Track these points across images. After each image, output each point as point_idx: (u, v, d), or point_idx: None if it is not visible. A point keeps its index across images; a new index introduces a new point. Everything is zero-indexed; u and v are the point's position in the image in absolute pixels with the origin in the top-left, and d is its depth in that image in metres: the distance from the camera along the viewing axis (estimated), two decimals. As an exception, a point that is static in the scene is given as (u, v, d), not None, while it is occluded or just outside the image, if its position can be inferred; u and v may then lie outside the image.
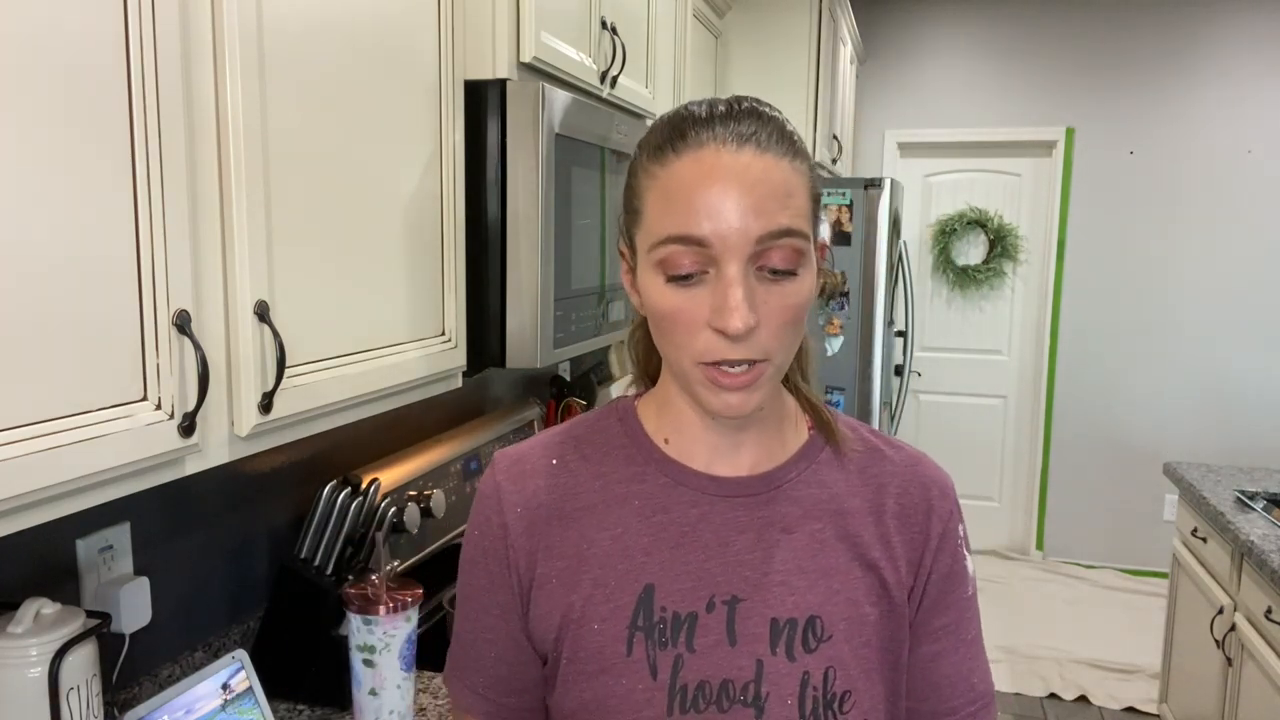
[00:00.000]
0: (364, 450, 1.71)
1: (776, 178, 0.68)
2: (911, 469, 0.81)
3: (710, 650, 0.74)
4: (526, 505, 0.80)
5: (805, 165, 0.71)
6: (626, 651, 0.75)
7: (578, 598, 0.77)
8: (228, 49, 0.90)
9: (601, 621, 0.76)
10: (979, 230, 4.91)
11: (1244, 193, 4.55)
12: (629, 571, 0.76)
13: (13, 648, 0.92)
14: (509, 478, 0.81)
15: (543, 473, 0.81)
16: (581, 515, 0.79)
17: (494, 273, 1.42)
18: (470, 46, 1.40)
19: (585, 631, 0.76)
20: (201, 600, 1.38)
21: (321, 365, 1.08)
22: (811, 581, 0.75)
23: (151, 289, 0.82)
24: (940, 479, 0.82)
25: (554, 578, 0.78)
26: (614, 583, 0.76)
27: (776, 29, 3.30)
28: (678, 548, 0.76)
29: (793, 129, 0.72)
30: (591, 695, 0.75)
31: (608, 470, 0.80)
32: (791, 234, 0.68)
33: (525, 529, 0.79)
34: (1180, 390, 4.71)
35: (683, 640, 0.74)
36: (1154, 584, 4.55)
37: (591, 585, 0.77)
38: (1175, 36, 4.54)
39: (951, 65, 4.83)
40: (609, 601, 0.76)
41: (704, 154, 0.68)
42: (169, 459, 0.86)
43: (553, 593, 0.78)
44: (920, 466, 0.82)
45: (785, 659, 0.74)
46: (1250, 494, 2.69)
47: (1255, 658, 2.32)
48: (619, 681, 0.74)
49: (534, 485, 0.81)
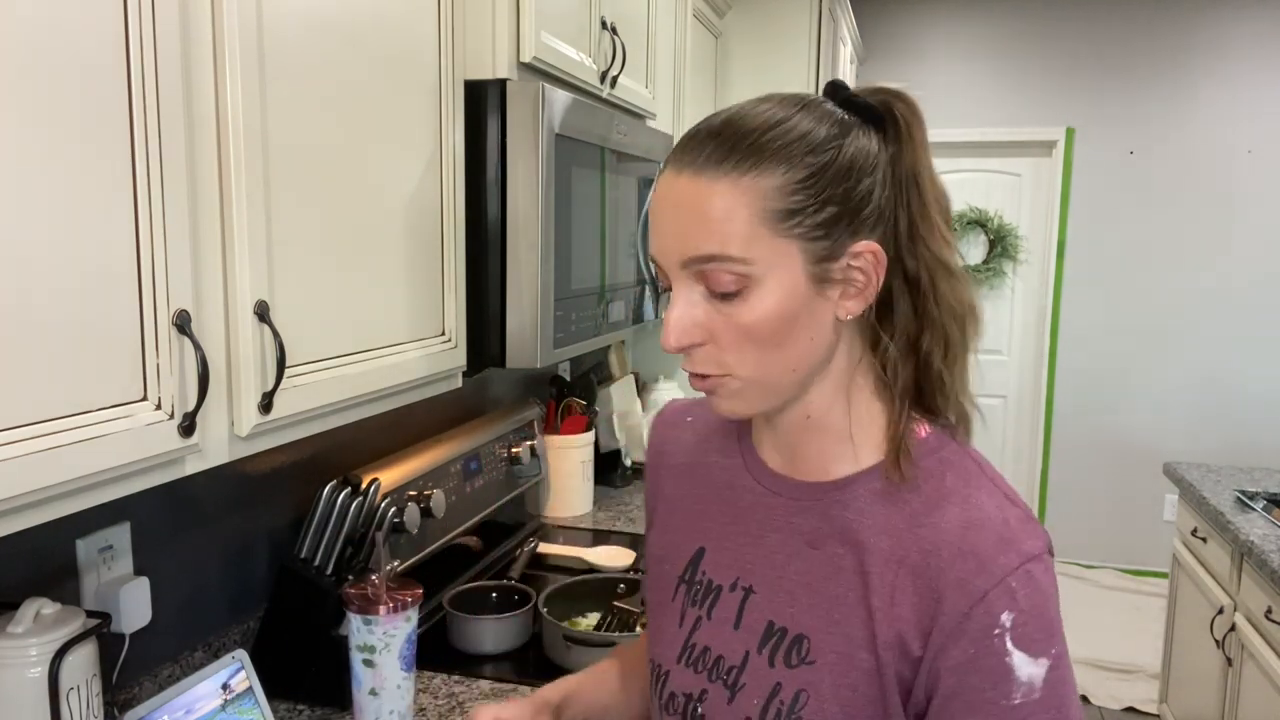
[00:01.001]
0: (364, 450, 1.71)
1: (701, 204, 0.67)
2: (961, 531, 0.69)
3: (720, 625, 0.80)
4: (655, 449, 0.95)
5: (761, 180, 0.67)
6: (672, 596, 0.85)
7: (662, 537, 0.90)
8: (228, 49, 0.90)
9: (669, 564, 0.87)
10: (979, 230, 4.91)
11: (1244, 193, 4.55)
12: (693, 531, 0.86)
13: (13, 648, 0.92)
14: (660, 422, 0.97)
15: (677, 425, 0.94)
16: (681, 469, 0.90)
17: (494, 273, 1.42)
18: (470, 46, 1.40)
19: (659, 568, 0.89)
20: (201, 600, 1.38)
21: (321, 365, 1.08)
22: (814, 602, 0.74)
23: (151, 289, 0.82)
24: (985, 553, 0.67)
25: (657, 515, 0.92)
26: (682, 535, 0.87)
27: (776, 29, 3.30)
28: (730, 524, 0.82)
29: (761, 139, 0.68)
30: (652, 622, 0.88)
31: (710, 437, 0.89)
32: (715, 259, 0.67)
33: (653, 469, 0.95)
34: (1180, 390, 4.71)
35: (706, 606, 0.82)
36: (1154, 584, 4.55)
37: (670, 531, 0.89)
38: (1175, 36, 4.54)
39: (951, 65, 4.83)
40: (676, 549, 0.87)
41: (663, 178, 0.71)
42: (169, 459, 0.86)
43: (657, 527, 0.92)
44: (973, 532, 0.69)
45: (766, 663, 0.75)
46: (1250, 494, 2.69)
47: (1255, 658, 2.32)
48: (665, 617, 0.86)
49: (667, 434, 0.95)
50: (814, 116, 0.70)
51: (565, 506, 2.39)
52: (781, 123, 0.69)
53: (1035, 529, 0.70)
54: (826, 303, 0.70)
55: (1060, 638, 0.68)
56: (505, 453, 2.06)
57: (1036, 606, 0.66)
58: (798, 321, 0.69)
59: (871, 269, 0.70)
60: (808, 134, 0.69)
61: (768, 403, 0.74)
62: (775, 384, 0.72)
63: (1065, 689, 0.66)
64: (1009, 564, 0.67)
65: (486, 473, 1.95)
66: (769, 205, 0.67)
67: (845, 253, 0.69)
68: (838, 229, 0.68)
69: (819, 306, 0.70)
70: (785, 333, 0.69)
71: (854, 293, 0.70)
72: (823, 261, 0.68)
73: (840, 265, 0.69)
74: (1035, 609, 0.66)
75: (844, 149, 0.69)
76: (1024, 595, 0.66)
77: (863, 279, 0.70)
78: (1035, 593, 0.67)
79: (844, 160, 0.68)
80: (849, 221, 0.69)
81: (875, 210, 0.69)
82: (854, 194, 0.68)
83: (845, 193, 0.68)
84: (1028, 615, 0.66)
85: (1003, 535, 0.69)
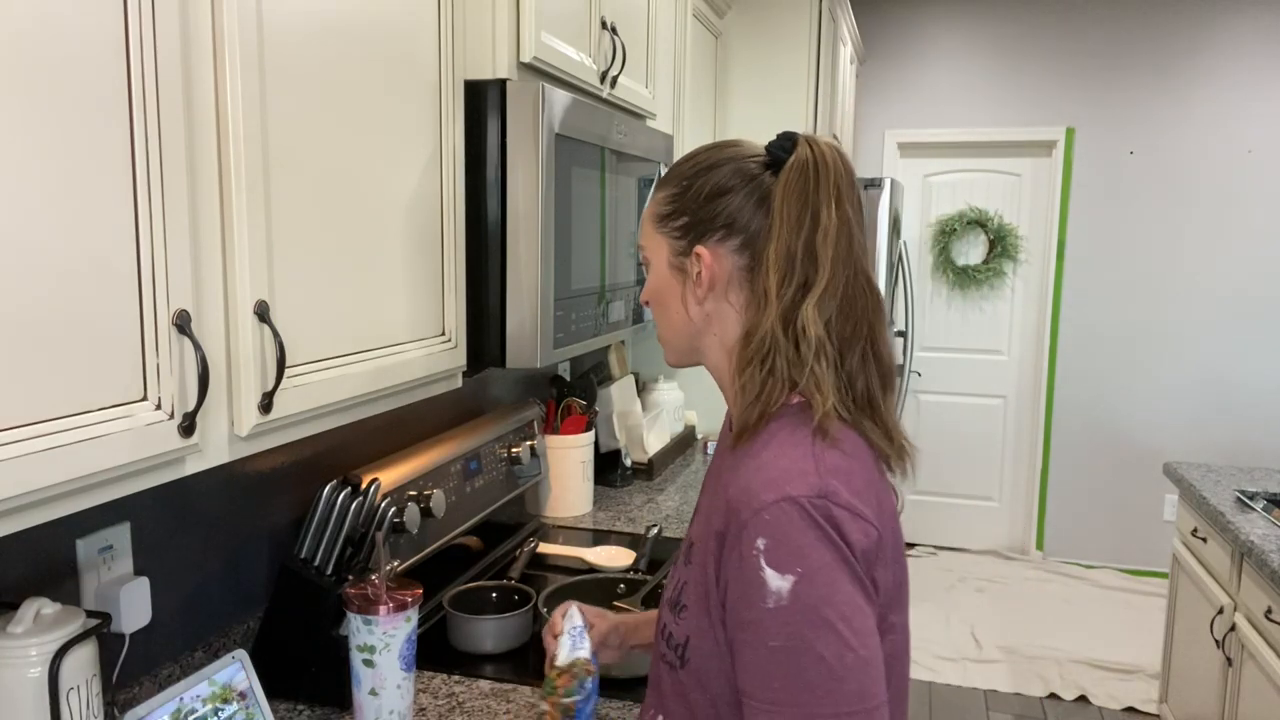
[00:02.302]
0: (364, 450, 1.71)
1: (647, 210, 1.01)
2: (752, 474, 0.86)
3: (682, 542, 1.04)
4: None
5: (659, 194, 0.98)
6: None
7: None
8: (228, 49, 0.90)
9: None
10: (979, 230, 4.91)
11: (1244, 193, 4.55)
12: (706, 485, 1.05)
13: (13, 648, 0.92)
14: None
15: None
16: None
17: (494, 273, 1.42)
18: (470, 46, 1.40)
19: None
20: (201, 600, 1.38)
21: (322, 365, 1.08)
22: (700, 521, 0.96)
23: (151, 289, 0.82)
24: (751, 490, 0.84)
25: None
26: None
27: (776, 29, 3.30)
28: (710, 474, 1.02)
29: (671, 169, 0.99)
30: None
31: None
32: (640, 248, 1.02)
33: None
34: (1180, 390, 4.71)
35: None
36: (1154, 584, 4.55)
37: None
38: (1175, 36, 4.54)
39: (951, 65, 4.83)
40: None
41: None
42: (169, 459, 0.86)
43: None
44: (758, 475, 0.85)
45: (683, 563, 0.97)
46: (1250, 494, 2.69)
47: (1255, 658, 2.32)
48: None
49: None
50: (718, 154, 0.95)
51: (565, 506, 2.39)
52: (689, 158, 0.97)
53: (810, 481, 0.83)
54: (681, 287, 0.96)
55: (810, 561, 0.81)
56: (505, 453, 2.06)
57: (785, 534, 0.82)
58: (666, 295, 0.98)
59: (705, 268, 0.93)
60: (692, 164, 0.95)
61: (673, 352, 1.02)
62: (667, 338, 1.01)
63: (811, 600, 0.80)
64: (768, 500, 0.83)
65: (486, 473, 1.95)
66: (656, 210, 0.98)
67: (691, 253, 0.94)
68: (690, 234, 0.94)
69: (677, 288, 0.97)
70: (661, 303, 0.99)
71: (696, 283, 0.95)
72: (678, 255, 0.96)
73: (689, 260, 0.95)
74: (783, 536, 0.82)
75: (710, 178, 0.93)
76: (775, 525, 0.82)
77: (699, 274, 0.94)
78: (786, 524, 0.82)
79: (704, 185, 0.93)
80: (698, 230, 0.94)
81: (726, 225, 0.92)
82: (705, 210, 0.93)
83: (698, 208, 0.93)
84: (777, 541, 0.82)
85: (775, 480, 0.84)
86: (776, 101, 3.32)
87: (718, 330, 0.95)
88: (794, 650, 0.80)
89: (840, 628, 0.80)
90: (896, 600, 0.90)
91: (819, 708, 0.79)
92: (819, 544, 0.81)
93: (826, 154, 0.89)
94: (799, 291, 0.88)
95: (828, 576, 0.81)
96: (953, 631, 4.06)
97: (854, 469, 0.87)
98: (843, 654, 0.80)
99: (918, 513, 5.14)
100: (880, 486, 0.90)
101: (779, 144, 0.91)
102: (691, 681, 0.91)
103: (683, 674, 0.92)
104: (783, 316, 0.88)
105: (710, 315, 0.95)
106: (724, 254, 0.92)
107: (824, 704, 0.79)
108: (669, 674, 0.95)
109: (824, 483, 0.83)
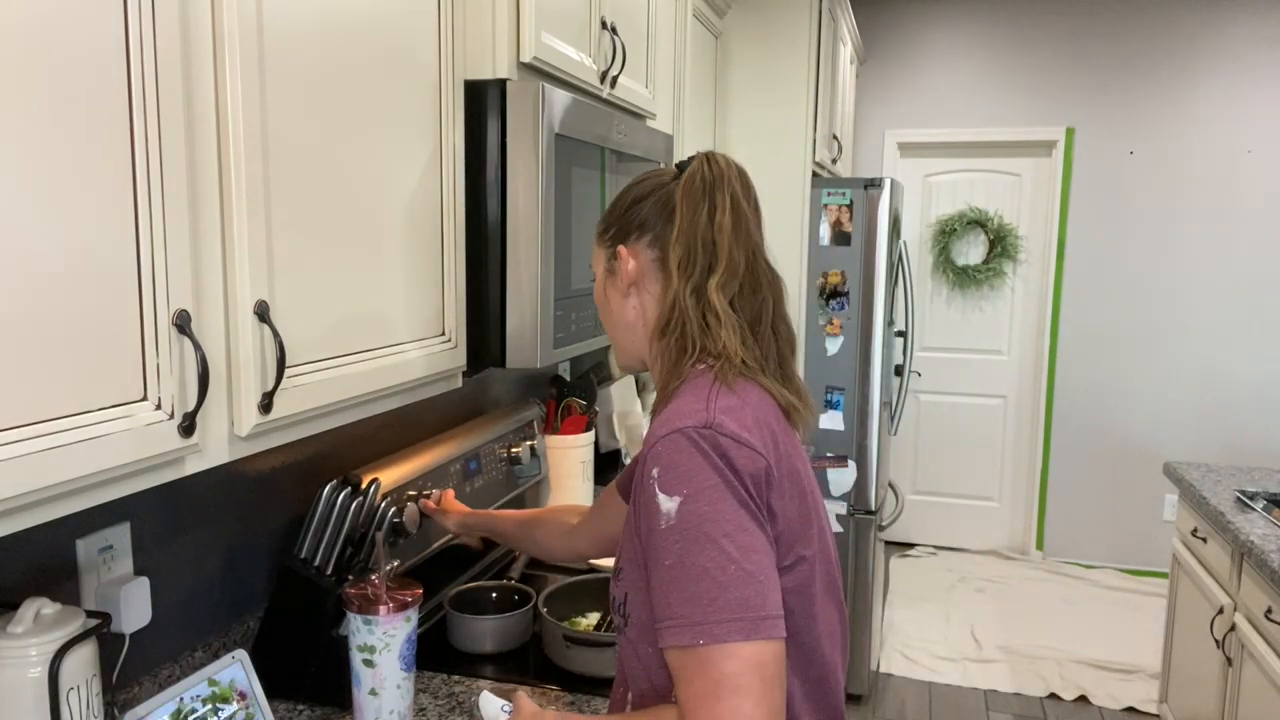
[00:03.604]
0: (364, 450, 1.71)
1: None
2: (659, 420, 0.97)
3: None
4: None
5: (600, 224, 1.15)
6: None
7: None
8: (228, 49, 0.90)
9: None
10: (979, 230, 4.91)
11: (1244, 193, 4.55)
12: None
13: (13, 648, 0.92)
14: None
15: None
16: None
17: (494, 273, 1.42)
18: (470, 46, 1.40)
19: None
20: (201, 600, 1.38)
21: (321, 365, 1.08)
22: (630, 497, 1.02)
23: (151, 289, 0.82)
24: (653, 432, 0.95)
25: None
26: None
27: (776, 29, 3.31)
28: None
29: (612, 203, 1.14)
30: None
31: None
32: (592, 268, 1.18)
33: None
34: (1180, 390, 4.71)
35: None
36: (1154, 584, 4.55)
37: None
38: (1175, 36, 4.54)
39: (951, 65, 4.83)
40: None
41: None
42: (169, 459, 0.86)
43: None
44: (661, 418, 0.96)
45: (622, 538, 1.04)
46: (1250, 494, 2.69)
47: (1255, 658, 2.32)
48: None
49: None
50: (643, 177, 1.12)
51: (565, 506, 2.39)
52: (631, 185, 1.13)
53: (700, 416, 0.93)
54: (614, 288, 1.11)
55: (696, 483, 0.90)
56: (505, 453, 2.06)
57: (673, 460, 0.91)
58: (607, 297, 1.13)
59: (623, 263, 1.09)
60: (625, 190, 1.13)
61: (620, 352, 1.15)
62: (614, 339, 1.14)
63: (695, 519, 0.89)
64: (662, 433, 0.93)
65: (486, 473, 1.95)
66: (597, 230, 1.15)
67: (617, 253, 1.10)
68: (615, 240, 1.11)
69: (612, 289, 1.12)
70: (604, 306, 1.14)
71: (621, 279, 1.09)
72: (610, 260, 1.12)
73: (618, 261, 1.10)
74: (673, 463, 0.91)
75: (630, 193, 1.11)
76: (665, 454, 0.92)
77: (623, 268, 1.09)
78: (676, 452, 0.91)
79: (625, 199, 1.11)
80: (620, 234, 1.10)
81: (639, 226, 1.08)
82: (625, 217, 1.10)
83: (620, 217, 1.11)
84: (666, 468, 0.91)
85: (671, 418, 0.94)
86: (776, 101, 3.32)
87: (644, 320, 1.10)
88: (682, 566, 0.89)
89: (724, 543, 0.88)
90: (803, 535, 0.98)
91: (704, 617, 0.87)
92: (704, 468, 0.90)
93: (721, 164, 1.05)
94: (703, 274, 1.02)
95: (711, 496, 0.89)
96: (953, 631, 4.06)
97: (745, 408, 0.97)
98: (725, 565, 0.87)
99: (918, 513, 5.14)
100: (777, 429, 1.00)
101: (684, 161, 1.08)
102: (636, 635, 0.99)
103: (629, 631, 1.00)
104: (693, 293, 1.02)
105: (636, 308, 1.10)
106: (639, 249, 1.08)
107: (709, 613, 0.87)
108: (622, 641, 1.03)
109: (712, 416, 0.93)
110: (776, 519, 0.94)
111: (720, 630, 0.86)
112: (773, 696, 0.86)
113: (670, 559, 0.89)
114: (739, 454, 0.91)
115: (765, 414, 0.99)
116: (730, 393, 0.97)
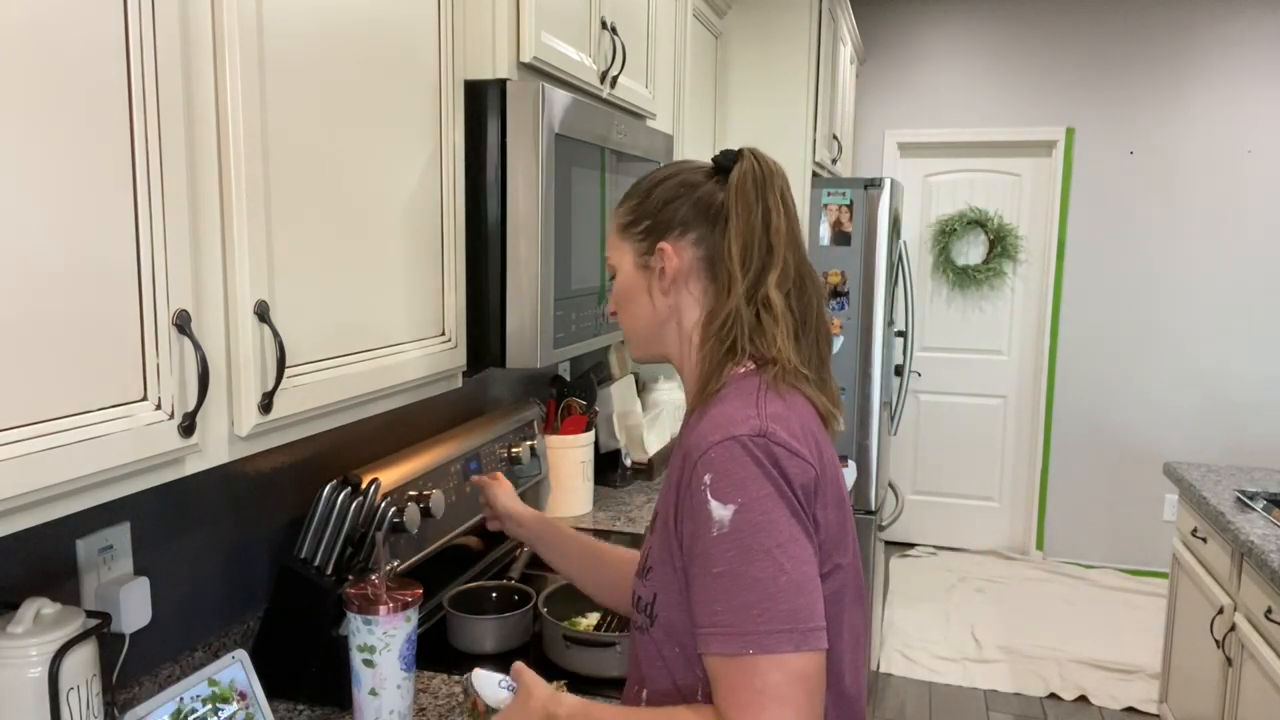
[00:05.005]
0: (364, 450, 1.71)
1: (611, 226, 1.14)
2: (707, 424, 0.95)
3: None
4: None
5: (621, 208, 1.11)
6: None
7: None
8: (228, 49, 0.90)
9: None
10: (979, 230, 4.91)
11: (1244, 193, 4.55)
12: None
13: (13, 648, 0.92)
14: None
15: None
16: None
17: (494, 273, 1.42)
18: (470, 46, 1.40)
19: None
20: (201, 600, 1.38)
21: (321, 365, 1.08)
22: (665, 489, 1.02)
23: (151, 289, 0.82)
24: (702, 435, 0.93)
25: None
26: None
27: (776, 29, 3.31)
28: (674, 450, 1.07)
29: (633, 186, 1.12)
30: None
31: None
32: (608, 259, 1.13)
33: None
34: (1180, 390, 4.71)
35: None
36: (1154, 584, 4.55)
37: None
38: (1175, 36, 4.54)
39: (951, 65, 4.83)
40: None
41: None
42: (169, 459, 0.86)
43: None
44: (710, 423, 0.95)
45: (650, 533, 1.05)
46: (1250, 494, 2.69)
47: (1255, 658, 2.32)
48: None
49: None
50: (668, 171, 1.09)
51: (565, 506, 2.39)
52: (645, 178, 1.10)
53: (752, 424, 0.92)
54: (648, 283, 1.07)
55: (750, 492, 0.89)
56: (505, 453, 2.06)
57: (728, 469, 0.90)
58: (634, 292, 1.09)
59: (666, 260, 1.05)
60: (648, 181, 1.09)
61: (638, 346, 1.12)
62: (634, 332, 1.11)
63: (749, 528, 0.88)
64: (715, 440, 0.92)
65: (486, 472, 1.95)
66: (620, 222, 1.10)
67: (654, 250, 1.06)
68: (650, 236, 1.06)
69: (644, 284, 1.08)
70: (629, 300, 1.10)
71: (661, 275, 1.06)
72: (643, 255, 1.07)
73: (653, 258, 1.06)
74: (726, 471, 0.90)
75: (662, 190, 1.07)
76: (719, 461, 0.90)
77: (663, 266, 1.05)
78: (729, 459, 0.90)
79: (659, 195, 1.07)
80: (657, 231, 1.06)
81: (681, 224, 1.05)
82: (661, 214, 1.06)
83: (656, 213, 1.06)
84: (720, 475, 0.90)
85: (723, 424, 0.93)
86: (776, 101, 3.32)
87: (678, 318, 1.08)
88: (734, 575, 0.88)
89: (776, 554, 0.88)
90: (840, 543, 0.98)
91: (754, 626, 0.87)
92: (758, 477, 0.90)
93: (770, 163, 1.05)
94: (759, 275, 1.01)
95: (765, 506, 0.89)
96: (953, 631, 4.06)
97: (792, 416, 0.96)
98: (776, 576, 0.87)
99: (918, 513, 5.14)
100: (820, 436, 1.00)
101: (725, 157, 1.06)
102: (662, 636, 0.98)
103: (654, 632, 0.99)
104: (747, 295, 1.01)
105: (672, 305, 1.08)
106: (684, 247, 1.05)
107: (759, 623, 0.87)
108: (642, 640, 1.02)
109: (764, 424, 0.92)
110: (819, 528, 0.94)
111: (771, 641, 0.86)
112: (814, 708, 0.87)
113: (720, 567, 0.89)
114: (791, 464, 0.91)
115: (809, 421, 0.99)
116: (779, 398, 0.97)
